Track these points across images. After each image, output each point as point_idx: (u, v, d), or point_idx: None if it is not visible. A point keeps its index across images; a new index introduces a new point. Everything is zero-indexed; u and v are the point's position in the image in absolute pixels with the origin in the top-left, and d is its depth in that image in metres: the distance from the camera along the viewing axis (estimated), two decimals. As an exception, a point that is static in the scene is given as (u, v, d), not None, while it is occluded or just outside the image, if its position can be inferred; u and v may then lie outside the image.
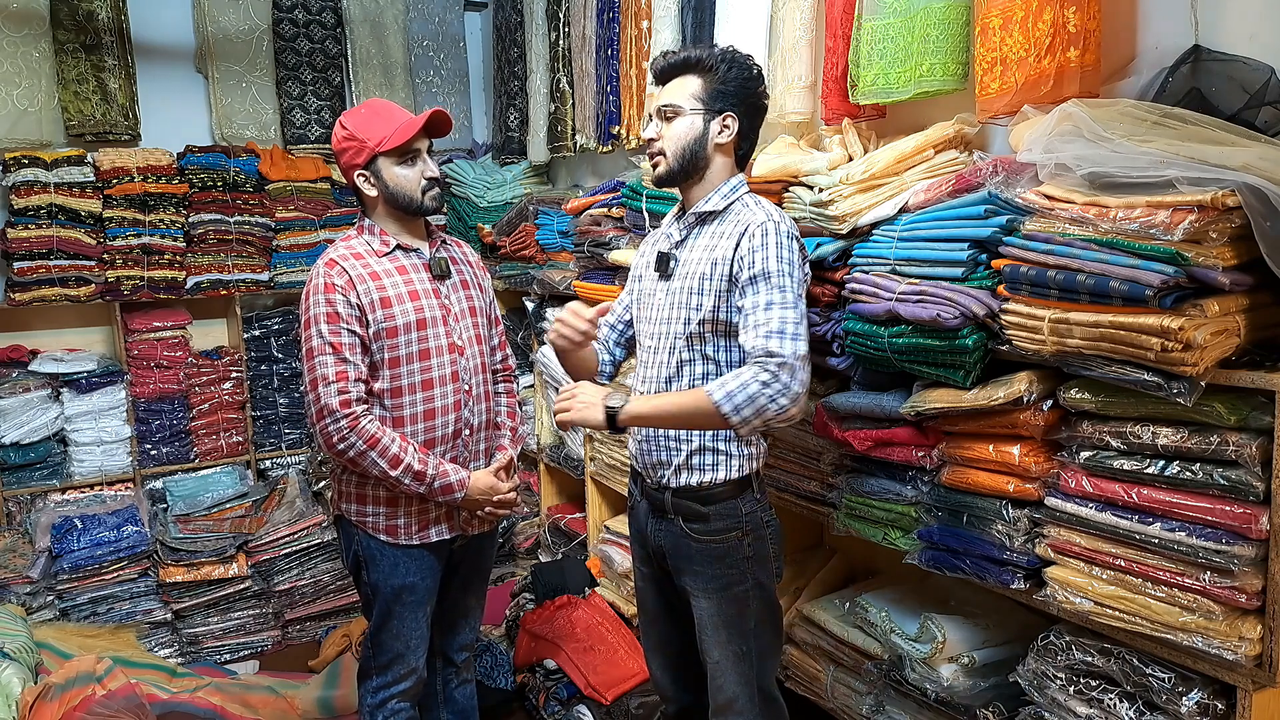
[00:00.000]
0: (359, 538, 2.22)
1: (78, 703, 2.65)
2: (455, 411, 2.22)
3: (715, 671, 1.96)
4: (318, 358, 2.07)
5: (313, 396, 2.09)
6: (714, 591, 1.93)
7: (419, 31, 4.55)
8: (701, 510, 1.92)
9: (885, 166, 2.03)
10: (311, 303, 2.11)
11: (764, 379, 1.71)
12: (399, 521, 2.19)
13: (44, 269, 3.70)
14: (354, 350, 2.09)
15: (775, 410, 1.71)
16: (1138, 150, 1.53)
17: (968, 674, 1.98)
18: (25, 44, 3.71)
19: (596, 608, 3.16)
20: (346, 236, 2.23)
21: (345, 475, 2.22)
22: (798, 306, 1.77)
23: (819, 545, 2.79)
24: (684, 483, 1.93)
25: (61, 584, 3.46)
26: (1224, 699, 1.55)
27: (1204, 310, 1.45)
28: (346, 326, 2.08)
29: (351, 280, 2.10)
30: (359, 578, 2.27)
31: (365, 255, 2.17)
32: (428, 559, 2.24)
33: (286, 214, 4.13)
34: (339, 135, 2.17)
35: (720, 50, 1.90)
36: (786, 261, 1.79)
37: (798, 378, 1.71)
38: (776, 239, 1.79)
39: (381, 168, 2.14)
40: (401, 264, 2.19)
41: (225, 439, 4.11)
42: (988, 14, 1.92)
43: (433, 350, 2.18)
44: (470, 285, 2.32)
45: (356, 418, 2.06)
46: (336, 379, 2.06)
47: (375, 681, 2.27)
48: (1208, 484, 1.49)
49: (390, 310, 2.12)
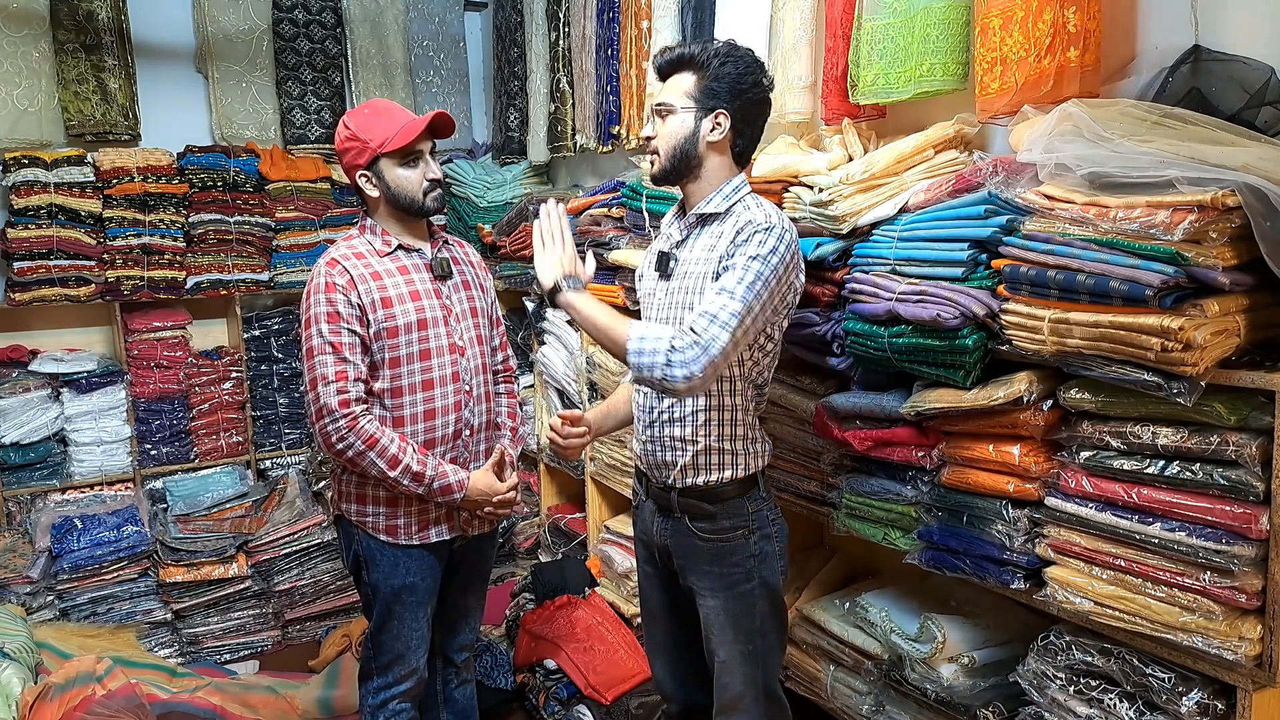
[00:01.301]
0: (359, 537, 2.22)
1: (78, 703, 2.65)
2: (456, 412, 2.21)
3: (721, 670, 1.96)
4: (317, 357, 2.07)
5: (312, 396, 2.09)
6: (721, 590, 1.93)
7: (419, 31, 4.55)
8: (709, 509, 1.93)
9: (885, 166, 2.03)
10: (312, 301, 2.11)
11: (673, 345, 1.69)
12: (399, 521, 2.19)
13: (44, 269, 3.69)
14: (354, 350, 2.09)
15: (666, 380, 1.70)
16: (1138, 150, 1.53)
17: (968, 674, 1.98)
18: (25, 44, 3.71)
19: (596, 608, 3.16)
20: (348, 236, 2.23)
21: (345, 475, 2.22)
22: (746, 301, 1.71)
23: (819, 545, 2.79)
24: (690, 482, 1.93)
25: (61, 584, 3.46)
26: (1224, 699, 1.55)
27: (1204, 310, 1.45)
28: (347, 326, 2.08)
29: (353, 280, 2.10)
30: (359, 578, 2.27)
31: (367, 255, 2.17)
32: (428, 559, 2.23)
33: (286, 214, 4.13)
34: (342, 135, 2.17)
35: (718, 45, 1.87)
36: (762, 260, 1.74)
37: (701, 362, 1.67)
38: (763, 239, 1.76)
39: (384, 168, 2.14)
40: (403, 264, 2.19)
41: (225, 439, 4.11)
42: (988, 14, 1.92)
43: (433, 350, 2.18)
44: (472, 286, 2.32)
45: (355, 418, 2.06)
46: (336, 379, 2.06)
47: (376, 682, 2.27)
48: (1208, 484, 1.49)
49: (391, 310, 2.12)
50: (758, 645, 1.94)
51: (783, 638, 2.03)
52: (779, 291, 1.79)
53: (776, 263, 1.76)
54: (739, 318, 1.71)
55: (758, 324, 1.77)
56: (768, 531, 1.95)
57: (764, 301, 1.75)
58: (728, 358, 1.72)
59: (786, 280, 1.80)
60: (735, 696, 1.95)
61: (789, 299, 1.86)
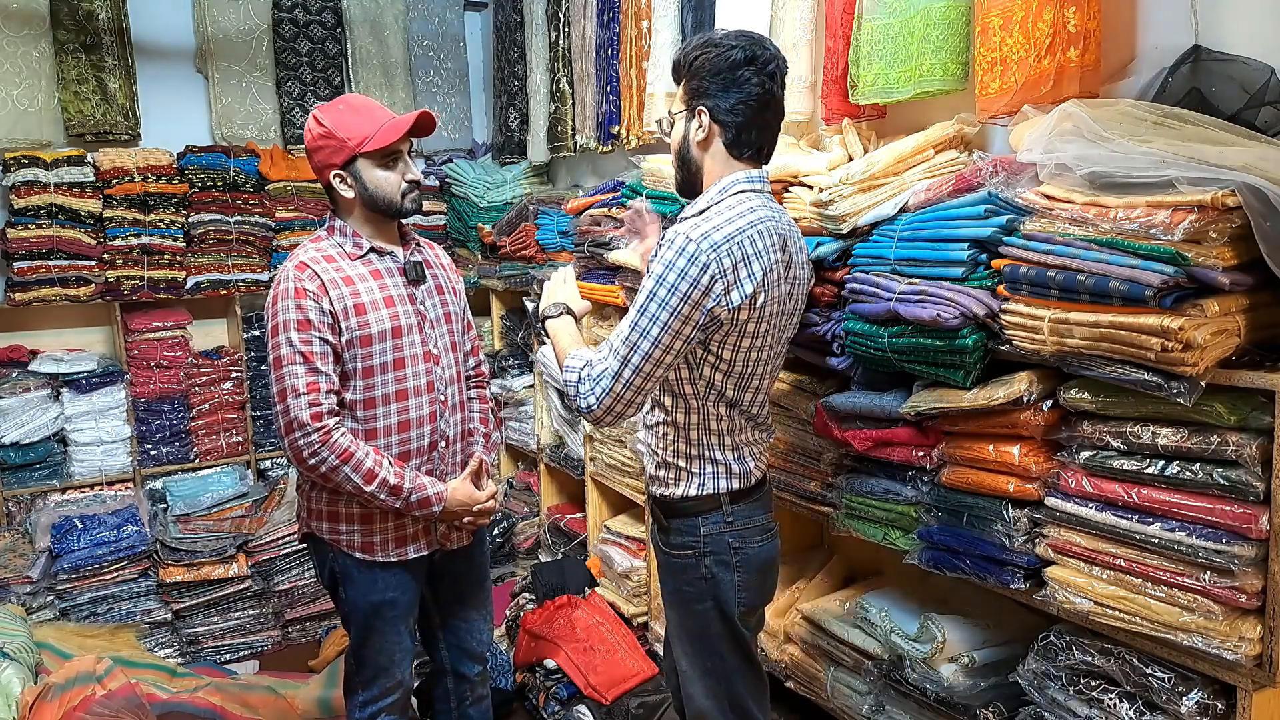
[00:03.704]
0: (333, 555, 2.14)
1: (78, 703, 2.65)
2: (431, 423, 2.14)
3: (685, 681, 1.93)
4: (286, 367, 1.97)
5: (281, 408, 1.98)
6: (677, 604, 1.90)
7: (419, 31, 4.55)
8: (665, 522, 1.90)
9: (885, 166, 2.03)
10: (280, 308, 2.00)
11: (580, 376, 1.74)
12: (374, 539, 2.11)
13: (44, 269, 3.70)
14: (325, 360, 1.99)
15: (578, 405, 1.75)
16: (1138, 150, 1.53)
17: (968, 674, 1.98)
18: (25, 44, 3.71)
19: (596, 608, 3.16)
20: (316, 238, 2.12)
21: (315, 491, 2.13)
22: (640, 328, 1.65)
23: (819, 545, 2.79)
24: (654, 491, 1.92)
25: (61, 584, 3.46)
26: (1224, 699, 1.55)
27: (1204, 310, 1.45)
28: (318, 334, 1.99)
29: (324, 285, 2.01)
30: (336, 595, 2.20)
31: (337, 258, 2.07)
32: (405, 575, 2.17)
33: (286, 214, 4.13)
34: (314, 132, 2.06)
35: (698, 39, 1.77)
36: (656, 280, 1.64)
37: (594, 395, 1.70)
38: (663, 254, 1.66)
39: (361, 169, 2.05)
40: (376, 268, 2.11)
41: (225, 439, 4.11)
42: (988, 14, 1.92)
43: (408, 359, 2.09)
44: (445, 290, 2.24)
45: (329, 431, 1.97)
46: (307, 390, 1.96)
47: (361, 696, 2.22)
48: (1208, 484, 1.49)
49: (365, 318, 2.04)
50: (717, 664, 1.88)
51: (748, 660, 1.91)
52: (685, 309, 1.64)
53: (674, 279, 1.63)
54: (631, 346, 1.67)
55: (666, 346, 1.66)
56: (724, 558, 1.83)
57: (664, 325, 1.64)
58: (630, 386, 1.69)
59: (700, 295, 1.64)
60: (700, 710, 1.89)
61: (724, 317, 1.68)
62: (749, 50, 1.72)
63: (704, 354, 1.76)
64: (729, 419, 1.83)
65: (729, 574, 1.84)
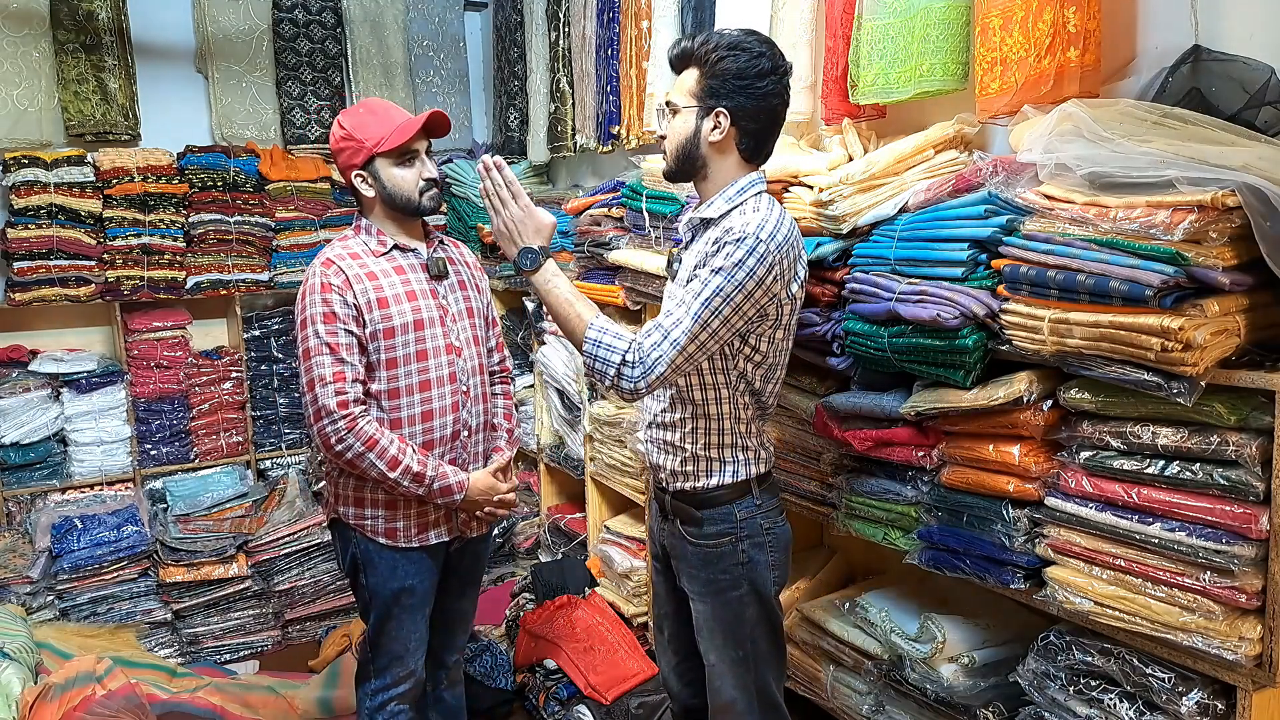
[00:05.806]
0: (356, 541, 2.20)
1: (78, 703, 2.65)
2: (453, 413, 2.21)
3: (713, 674, 1.95)
4: (314, 358, 2.06)
5: (309, 398, 2.07)
6: (709, 595, 1.92)
7: (419, 31, 4.55)
8: (695, 514, 1.91)
9: (885, 166, 2.03)
10: (308, 302, 2.09)
11: (623, 358, 1.72)
12: (398, 524, 2.18)
13: (44, 269, 3.69)
14: (351, 350, 2.08)
15: (613, 387, 1.74)
16: (1138, 150, 1.53)
17: (968, 674, 1.98)
18: (25, 44, 3.71)
19: (596, 608, 3.16)
20: (344, 236, 2.22)
21: (343, 478, 2.20)
22: (699, 318, 1.69)
23: (819, 545, 2.79)
24: (679, 486, 1.93)
25: (61, 584, 3.46)
26: (1224, 699, 1.55)
27: (1204, 310, 1.45)
28: (343, 326, 2.07)
29: (348, 280, 2.09)
30: (356, 581, 2.26)
31: (362, 255, 2.16)
32: (425, 561, 2.23)
33: (286, 214, 4.13)
34: (336, 135, 2.17)
35: (722, 38, 1.77)
36: (725, 274, 1.69)
37: (647, 380, 1.70)
38: (731, 251, 1.70)
39: (379, 168, 2.14)
40: (399, 264, 2.19)
41: (225, 439, 4.11)
42: (988, 14, 1.92)
43: (430, 351, 2.17)
44: (468, 286, 2.31)
45: (355, 419, 2.05)
46: (334, 379, 2.05)
47: (374, 684, 2.26)
48: (1208, 484, 1.49)
49: (387, 310, 2.11)
50: (749, 651, 1.92)
51: (777, 645, 1.98)
52: (746, 306, 1.72)
53: (743, 277, 1.69)
54: (690, 335, 1.70)
55: (719, 338, 1.73)
56: (759, 540, 1.91)
57: (724, 318, 1.71)
58: (679, 372, 1.73)
59: (761, 293, 1.73)
60: (728, 701, 1.94)
61: (771, 311, 1.78)
62: (774, 60, 1.78)
63: (740, 346, 1.82)
64: (753, 407, 1.91)
65: (763, 554, 1.91)
